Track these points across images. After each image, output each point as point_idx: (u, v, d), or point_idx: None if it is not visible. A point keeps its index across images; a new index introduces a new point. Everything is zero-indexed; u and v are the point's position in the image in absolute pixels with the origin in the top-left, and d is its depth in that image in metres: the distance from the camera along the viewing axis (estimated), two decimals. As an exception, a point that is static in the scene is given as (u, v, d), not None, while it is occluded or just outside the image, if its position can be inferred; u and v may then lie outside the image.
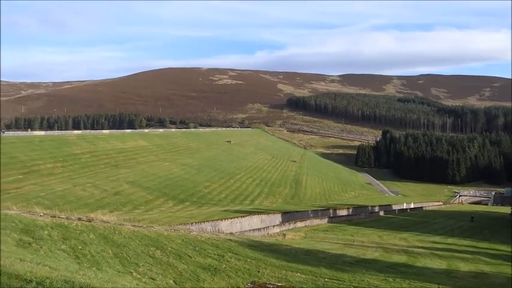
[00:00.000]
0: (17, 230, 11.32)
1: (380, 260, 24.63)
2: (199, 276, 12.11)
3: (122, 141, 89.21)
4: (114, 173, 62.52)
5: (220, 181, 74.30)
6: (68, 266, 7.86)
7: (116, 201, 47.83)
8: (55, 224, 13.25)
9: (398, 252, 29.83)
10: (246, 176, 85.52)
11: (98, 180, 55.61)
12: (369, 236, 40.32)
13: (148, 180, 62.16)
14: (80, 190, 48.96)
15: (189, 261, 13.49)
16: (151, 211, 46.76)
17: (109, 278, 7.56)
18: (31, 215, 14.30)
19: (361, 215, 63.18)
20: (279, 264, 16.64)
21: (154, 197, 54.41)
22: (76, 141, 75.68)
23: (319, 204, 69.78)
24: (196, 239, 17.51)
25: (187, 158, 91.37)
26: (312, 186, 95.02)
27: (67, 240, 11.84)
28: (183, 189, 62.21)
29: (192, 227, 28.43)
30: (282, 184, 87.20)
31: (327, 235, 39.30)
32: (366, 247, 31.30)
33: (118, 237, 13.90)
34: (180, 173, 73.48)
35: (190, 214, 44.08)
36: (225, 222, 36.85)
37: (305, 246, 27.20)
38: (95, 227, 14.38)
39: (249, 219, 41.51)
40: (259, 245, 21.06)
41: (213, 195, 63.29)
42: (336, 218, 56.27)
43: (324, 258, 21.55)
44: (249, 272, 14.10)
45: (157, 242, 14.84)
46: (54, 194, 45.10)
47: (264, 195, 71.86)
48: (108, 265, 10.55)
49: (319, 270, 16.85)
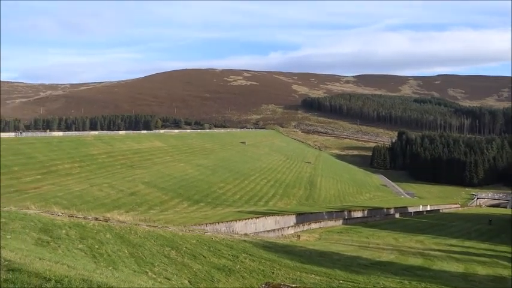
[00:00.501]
0: (36, 229, 11.54)
1: (396, 262, 24.37)
2: (213, 277, 12.17)
3: (138, 142, 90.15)
4: (130, 173, 63.20)
5: (234, 182, 74.46)
6: (86, 265, 7.99)
7: (131, 202, 48.35)
8: (73, 223, 13.47)
9: (414, 254, 29.48)
10: (261, 177, 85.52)
11: (114, 180, 56.28)
12: (384, 238, 39.95)
13: (164, 180, 62.65)
14: (97, 190, 49.62)
15: (204, 262, 13.57)
16: (166, 211, 47.12)
17: (125, 277, 7.66)
18: (49, 214, 14.57)
19: (376, 217, 62.63)
20: (294, 266, 16.61)
21: (169, 198, 54.82)
22: (93, 142, 76.75)
23: (334, 206, 69.38)
24: (210, 239, 17.60)
25: (202, 158, 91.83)
26: (326, 188, 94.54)
27: (84, 239, 12.03)
28: (197, 190, 62.53)
29: (206, 227, 28.56)
30: (296, 185, 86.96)
31: (342, 237, 39.07)
32: (381, 249, 31.01)
33: (134, 237, 14.06)
34: (195, 173, 73.89)
35: (204, 215, 44.28)
36: (239, 223, 36.91)
37: (319, 247, 27.08)
38: (112, 226, 14.57)
39: (264, 220, 41.51)
40: (273, 246, 21.05)
41: (227, 196, 63.46)
42: (350, 220, 55.86)
43: (339, 260, 21.42)
44: (263, 273, 14.12)
45: (172, 242, 14.96)
46: (71, 194, 45.80)
47: (278, 197, 71.77)
48: (124, 264, 10.68)
49: (333, 272, 16.77)
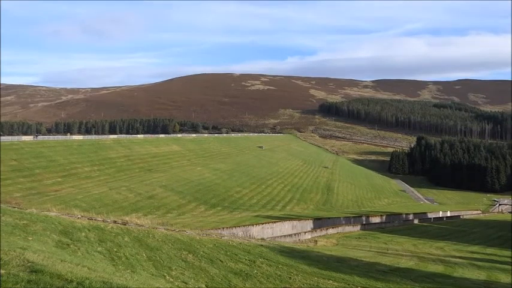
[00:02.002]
0: (57, 232, 11.73)
1: (415, 269, 23.96)
2: (230, 281, 12.16)
3: (156, 145, 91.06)
4: (148, 177, 63.85)
5: (251, 186, 74.47)
6: (105, 268, 8.08)
7: (149, 205, 48.80)
8: (92, 226, 13.65)
9: (435, 261, 28.94)
10: (278, 182, 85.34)
11: (133, 184, 56.92)
12: (403, 244, 39.36)
13: (181, 184, 63.08)
14: (116, 193, 50.25)
15: (221, 266, 13.57)
16: (183, 215, 47.40)
17: (144, 280, 7.72)
18: (69, 216, 14.80)
19: (395, 222, 61.79)
20: (311, 271, 16.48)
21: (186, 202, 55.15)
22: (112, 146, 77.84)
23: (352, 211, 68.73)
24: (227, 243, 17.61)
25: (219, 163, 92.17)
26: (344, 193, 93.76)
27: (103, 242, 12.17)
28: (214, 194, 62.74)
29: (223, 231, 28.61)
30: (313, 190, 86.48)
31: (360, 242, 38.64)
32: (400, 256, 30.55)
33: (151, 240, 14.17)
34: (212, 177, 74.19)
35: (221, 219, 44.40)
36: (256, 227, 36.88)
37: (337, 253, 26.83)
38: (130, 230, 14.71)
39: (281, 225, 41.39)
40: (290, 251, 20.93)
41: (244, 200, 63.50)
42: (368, 226, 55.26)
43: (357, 266, 21.17)
44: (280, 278, 14.04)
45: (189, 246, 15.02)
46: (91, 196, 46.49)
47: (295, 201, 71.48)
48: (142, 268, 10.76)
49: (352, 279, 16.57)
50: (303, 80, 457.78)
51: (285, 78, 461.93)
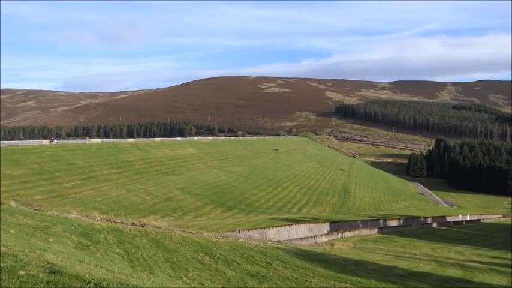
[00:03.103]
0: (76, 233, 11.94)
1: (433, 273, 23.60)
2: (247, 283, 12.18)
3: (173, 149, 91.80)
4: (165, 179, 64.39)
5: (267, 189, 74.42)
6: (123, 269, 8.18)
7: (166, 207, 49.19)
8: (110, 228, 13.85)
9: (454, 266, 28.45)
10: (294, 184, 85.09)
11: (150, 186, 57.48)
12: (421, 248, 38.81)
13: (198, 187, 63.43)
14: (133, 196, 50.82)
15: (237, 268, 13.61)
16: (200, 217, 47.64)
17: (161, 282, 7.80)
18: (89, 219, 15.05)
19: (413, 226, 60.96)
20: (327, 274, 16.39)
21: (203, 204, 55.42)
22: (130, 149, 78.79)
23: (369, 214, 68.07)
24: (244, 246, 17.65)
25: (236, 165, 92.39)
26: (360, 196, 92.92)
27: (121, 244, 12.33)
28: (231, 196, 62.89)
29: (239, 234, 28.66)
30: (330, 193, 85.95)
31: (377, 246, 38.24)
32: (418, 260, 30.13)
33: (169, 242, 14.30)
34: (228, 180, 74.40)
35: (238, 221, 44.47)
36: (272, 230, 36.84)
37: (354, 256, 26.61)
38: (147, 231, 14.88)
39: (297, 228, 41.25)
40: (306, 254, 20.86)
41: (260, 203, 63.48)
42: (386, 229, 54.65)
43: (374, 270, 20.95)
44: (296, 280, 14.00)
45: (206, 248, 15.11)
46: (109, 199, 47.11)
47: (311, 204, 71.15)
48: (159, 269, 10.87)
49: (368, 282, 16.42)
50: (319, 82, 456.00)
51: (301, 80, 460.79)
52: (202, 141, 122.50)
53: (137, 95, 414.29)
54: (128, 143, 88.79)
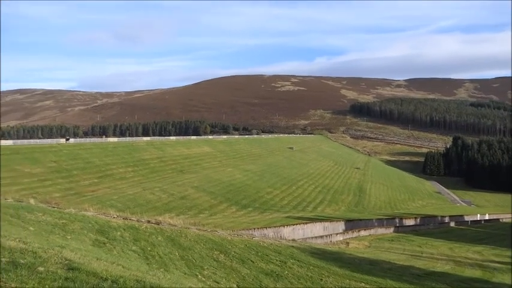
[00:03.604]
0: (93, 231, 12.10)
1: (451, 273, 23.26)
2: (261, 282, 12.18)
3: (188, 147, 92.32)
4: (180, 178, 64.82)
5: (282, 187, 74.32)
6: (139, 266, 8.27)
7: (182, 205, 49.52)
8: (127, 225, 14.00)
9: (472, 266, 28.00)
10: (308, 183, 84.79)
11: (166, 184, 57.94)
12: (439, 247, 38.30)
13: (212, 185, 63.69)
14: (149, 194, 51.29)
15: (252, 266, 13.62)
16: (215, 215, 47.84)
17: (176, 279, 7.85)
18: (105, 216, 15.24)
19: (430, 225, 60.18)
20: (343, 273, 16.30)
21: (218, 202, 55.63)
22: (145, 148, 79.51)
23: (384, 213, 67.44)
24: (258, 244, 17.65)
25: (250, 164, 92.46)
26: (376, 194, 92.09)
27: (137, 241, 12.45)
28: (245, 194, 62.99)
29: (254, 232, 28.68)
30: (345, 191, 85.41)
31: (393, 245, 37.88)
32: (436, 259, 29.75)
33: (184, 240, 14.39)
34: (242, 179, 74.52)
35: (252, 220, 44.51)
36: (287, 228, 36.78)
37: (369, 255, 26.40)
38: (163, 229, 15.00)
39: (312, 226, 41.10)
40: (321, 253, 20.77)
41: (275, 201, 63.43)
42: (402, 228, 54.06)
43: (390, 270, 20.75)
44: (311, 279, 13.95)
45: (221, 246, 15.16)
46: (125, 197, 47.64)
47: (326, 203, 70.81)
48: (175, 267, 10.94)
49: (384, 282, 16.27)
50: (334, 80, 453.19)
51: (315, 78, 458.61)
52: (217, 139, 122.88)
53: (153, 94, 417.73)
54: (144, 141, 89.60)
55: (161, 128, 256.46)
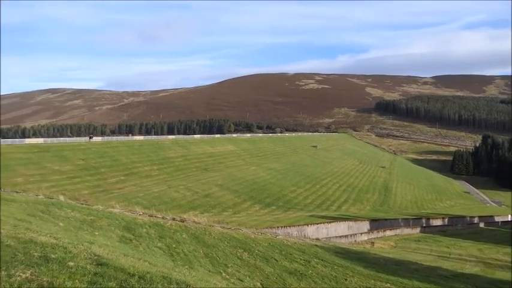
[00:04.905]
0: (120, 227, 12.35)
1: (480, 275, 22.67)
2: (285, 281, 12.18)
3: (212, 145, 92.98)
4: (204, 176, 65.38)
5: (306, 186, 73.97)
6: (165, 263, 8.39)
7: (206, 203, 49.95)
8: (152, 222, 14.23)
9: (502, 268, 27.21)
10: (333, 182, 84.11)
11: (190, 182, 58.55)
12: (467, 248, 37.38)
13: (236, 183, 63.95)
14: (174, 192, 51.95)
15: (276, 265, 13.62)
16: (238, 214, 48.05)
17: (201, 276, 7.93)
18: (132, 213, 15.55)
19: (458, 225, 58.79)
20: (367, 274, 16.11)
21: (241, 200, 55.83)
22: (170, 146, 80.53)
23: (411, 213, 66.26)
24: (282, 243, 17.65)
25: (274, 162, 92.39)
26: (402, 194, 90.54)
27: (163, 238, 12.64)
28: (269, 193, 62.99)
29: (278, 231, 28.67)
30: (370, 190, 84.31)
31: (420, 246, 37.20)
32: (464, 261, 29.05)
33: (208, 237, 14.52)
34: (266, 177, 74.54)
35: (276, 218, 44.48)
36: (311, 227, 36.61)
37: (395, 256, 26.00)
38: (187, 227, 15.18)
39: (336, 226, 40.77)
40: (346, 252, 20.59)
41: (299, 200, 63.21)
42: (429, 228, 53.01)
43: (417, 270, 20.39)
44: (335, 279, 13.85)
45: (244, 244, 15.22)
46: (151, 194, 48.40)
47: (351, 202, 70.08)
48: (199, 264, 11.06)
49: (411, 283, 16.00)
50: (359, 77, 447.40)
51: (340, 76, 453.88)
52: (241, 138, 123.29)
53: (177, 93, 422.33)
54: (169, 140, 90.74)
55: (186, 127, 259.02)
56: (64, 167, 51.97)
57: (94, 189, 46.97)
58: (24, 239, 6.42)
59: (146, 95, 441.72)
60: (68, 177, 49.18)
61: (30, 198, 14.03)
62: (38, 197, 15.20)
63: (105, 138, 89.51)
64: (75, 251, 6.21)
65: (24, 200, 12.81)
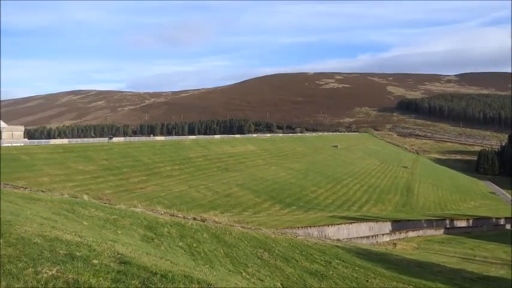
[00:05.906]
0: (142, 226, 12.54)
1: (507, 278, 22.09)
2: (306, 281, 12.13)
3: (232, 145, 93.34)
4: (225, 176, 65.69)
5: (326, 186, 73.49)
6: (186, 262, 8.49)
7: (226, 203, 50.20)
8: (173, 222, 14.39)
9: (530, 271, 26.42)
10: (354, 182, 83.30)
11: (211, 182, 58.92)
12: (493, 251, 36.48)
13: (257, 183, 64.03)
14: (195, 191, 52.39)
15: (296, 265, 13.59)
16: (259, 214, 48.11)
17: (221, 276, 7.99)
18: (153, 213, 15.75)
19: (483, 227, 57.41)
20: (389, 275, 15.91)
21: (262, 200, 55.87)
22: (191, 146, 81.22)
23: (434, 214, 65.07)
24: (302, 243, 17.59)
25: (294, 162, 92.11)
26: (425, 194, 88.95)
27: (184, 237, 12.77)
28: (289, 193, 62.84)
29: (298, 231, 28.59)
30: (391, 191, 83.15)
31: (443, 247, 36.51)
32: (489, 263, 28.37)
33: (229, 237, 14.59)
34: (286, 177, 74.38)
35: (296, 218, 44.35)
36: (331, 228, 36.38)
37: (418, 257, 25.58)
38: (208, 226, 15.28)
39: (357, 226, 40.40)
40: (367, 254, 20.37)
41: (319, 200, 62.85)
42: (453, 230, 51.96)
43: (440, 273, 20.02)
44: (357, 280, 13.73)
45: (265, 244, 15.23)
46: (172, 194, 48.95)
47: (372, 202, 69.27)
48: (220, 264, 11.13)
49: (434, 285, 15.73)
50: (380, 76, 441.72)
51: (360, 75, 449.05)
52: (261, 138, 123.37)
53: (198, 93, 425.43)
54: (190, 140, 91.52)
55: (206, 127, 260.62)
56: (88, 167, 53.03)
57: (117, 188, 47.77)
58: (50, 237, 6.60)
59: (167, 96, 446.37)
60: (91, 177, 50.18)
61: (56, 197, 14.38)
62: (63, 196, 15.57)
63: (127, 138, 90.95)
64: (99, 249, 6.34)
65: (49, 199, 13.14)
